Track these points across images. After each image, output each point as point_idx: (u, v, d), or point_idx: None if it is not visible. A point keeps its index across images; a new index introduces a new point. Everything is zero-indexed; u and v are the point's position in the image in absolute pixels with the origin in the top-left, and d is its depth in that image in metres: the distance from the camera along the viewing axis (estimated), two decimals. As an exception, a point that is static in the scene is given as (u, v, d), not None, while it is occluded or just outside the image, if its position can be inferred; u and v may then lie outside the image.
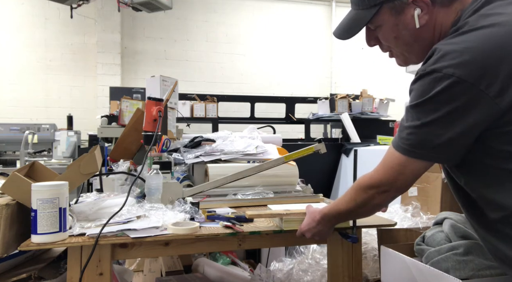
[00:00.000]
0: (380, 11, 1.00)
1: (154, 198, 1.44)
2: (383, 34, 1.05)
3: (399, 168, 0.97)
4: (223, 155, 1.86)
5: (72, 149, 4.28)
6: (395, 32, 1.02)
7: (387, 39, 1.05)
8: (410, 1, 0.96)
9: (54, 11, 5.89)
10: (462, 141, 0.90)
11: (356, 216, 1.23)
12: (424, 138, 0.92)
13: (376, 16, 1.01)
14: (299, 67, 7.00)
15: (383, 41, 1.07)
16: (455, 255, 1.18)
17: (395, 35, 1.02)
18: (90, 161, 1.28)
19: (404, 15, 0.98)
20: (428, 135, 0.91)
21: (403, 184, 1.01)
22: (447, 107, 0.86)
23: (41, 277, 1.32)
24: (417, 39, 1.01)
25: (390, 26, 1.01)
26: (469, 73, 0.84)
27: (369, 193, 1.04)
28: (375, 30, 1.06)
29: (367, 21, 1.02)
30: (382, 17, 1.01)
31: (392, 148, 0.99)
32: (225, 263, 2.16)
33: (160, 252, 1.34)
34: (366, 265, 1.63)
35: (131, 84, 5.84)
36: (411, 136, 0.93)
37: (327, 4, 7.20)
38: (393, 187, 1.01)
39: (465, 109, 0.86)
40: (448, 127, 0.88)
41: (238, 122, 4.86)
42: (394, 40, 1.04)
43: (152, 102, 1.60)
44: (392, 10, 0.99)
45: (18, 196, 1.19)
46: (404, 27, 1.00)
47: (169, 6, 3.94)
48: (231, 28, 6.74)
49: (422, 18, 0.97)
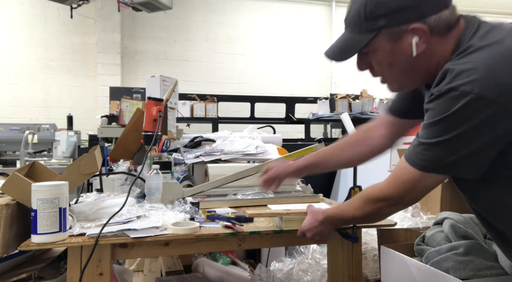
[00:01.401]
0: (377, 37, 0.97)
1: (154, 198, 1.44)
2: (378, 60, 1.02)
3: (411, 183, 0.97)
4: (223, 155, 1.86)
5: (72, 149, 4.28)
6: (390, 58, 0.99)
7: (381, 65, 1.02)
8: (408, 29, 0.94)
9: (54, 11, 5.89)
10: (484, 155, 0.89)
11: (359, 223, 1.26)
12: (443, 154, 0.91)
13: (372, 41, 0.98)
14: (299, 67, 7.00)
15: (376, 66, 1.04)
16: (455, 255, 1.18)
17: (391, 62, 1.00)
18: (90, 161, 1.28)
19: (402, 42, 0.96)
20: (447, 151, 0.90)
21: (413, 198, 1.02)
22: (467, 125, 0.86)
23: (41, 277, 1.32)
24: (413, 66, 1.00)
25: (386, 52, 0.99)
26: (487, 90, 0.83)
27: (378, 205, 1.04)
28: (367, 54, 1.03)
29: (363, 45, 0.99)
30: (378, 43, 0.98)
31: (405, 162, 0.98)
32: (225, 263, 2.16)
33: (160, 252, 1.34)
34: (366, 265, 1.63)
35: (131, 84, 5.84)
36: (428, 152, 0.92)
37: (327, 4, 7.20)
38: (403, 200, 1.01)
39: (485, 125, 0.85)
40: (469, 143, 0.87)
41: (238, 122, 4.87)
42: (388, 67, 1.02)
43: (152, 102, 1.60)
44: (390, 36, 0.97)
45: (18, 196, 1.19)
46: (400, 54, 0.98)
47: (169, 6, 3.94)
48: (231, 28, 6.74)
49: (420, 46, 0.95)
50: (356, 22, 0.99)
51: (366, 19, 0.97)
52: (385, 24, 0.95)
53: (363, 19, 0.97)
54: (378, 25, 0.96)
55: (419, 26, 0.93)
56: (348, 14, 1.02)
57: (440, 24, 0.94)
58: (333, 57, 1.06)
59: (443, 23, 0.94)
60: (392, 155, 2.16)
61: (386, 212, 1.07)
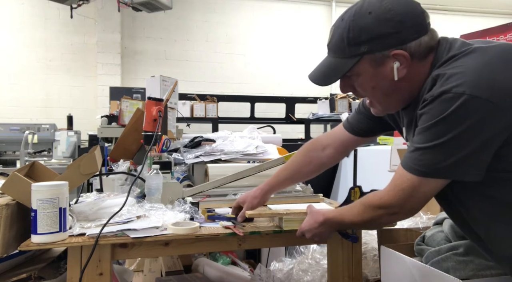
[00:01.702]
0: (360, 61, 0.99)
1: (154, 198, 1.44)
2: (361, 83, 1.04)
3: (410, 191, 0.96)
4: (223, 155, 1.87)
5: (72, 149, 4.28)
6: (373, 82, 1.02)
7: (364, 88, 1.05)
8: (390, 54, 0.96)
9: (54, 11, 5.89)
10: (481, 156, 0.89)
11: (358, 228, 1.26)
12: (440, 157, 0.90)
13: (355, 65, 1.00)
14: (299, 67, 6.99)
15: (359, 89, 1.06)
16: (455, 255, 1.18)
17: (373, 85, 1.03)
18: (90, 161, 1.28)
19: (384, 67, 0.99)
20: (444, 154, 0.90)
21: (413, 207, 1.00)
22: (463, 125, 0.86)
23: (41, 277, 1.32)
24: (395, 90, 1.02)
25: (368, 76, 1.01)
26: (479, 90, 0.85)
27: (378, 212, 1.04)
28: (350, 78, 1.05)
29: (346, 70, 1.01)
30: (361, 67, 1.00)
31: (402, 169, 0.97)
32: (225, 263, 2.16)
33: (160, 252, 1.34)
34: (366, 265, 1.63)
35: (131, 84, 5.84)
36: (425, 156, 0.92)
37: (327, 4, 7.20)
38: (403, 209, 1.00)
39: (481, 125, 0.86)
40: (465, 144, 0.87)
41: (238, 122, 4.87)
42: (371, 90, 1.04)
43: (152, 102, 1.60)
44: (372, 61, 0.99)
45: (18, 196, 1.19)
46: (382, 79, 1.00)
47: (169, 6, 3.95)
48: (231, 28, 6.74)
49: (401, 71, 0.98)
50: (339, 47, 1.02)
51: (349, 45, 0.99)
52: (367, 50, 0.97)
53: (346, 44, 1.00)
54: (361, 50, 0.98)
55: (400, 52, 0.96)
56: (332, 39, 1.05)
57: (419, 49, 0.97)
58: (316, 81, 1.08)
59: (422, 48, 0.97)
60: (392, 155, 2.16)
61: (385, 221, 1.06)
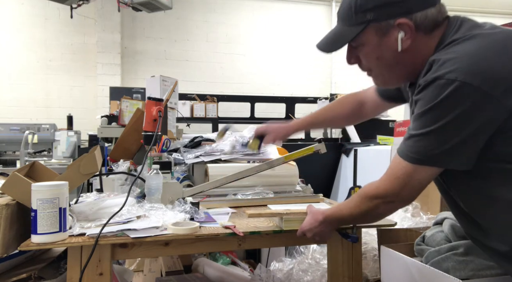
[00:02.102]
0: (366, 30, 1.00)
1: (154, 198, 1.44)
2: (365, 54, 1.05)
3: (405, 178, 0.97)
4: (223, 155, 1.86)
5: (72, 149, 4.28)
6: (377, 52, 1.02)
7: (368, 59, 1.05)
8: (395, 23, 0.97)
9: (54, 11, 5.89)
10: (473, 143, 0.90)
11: (358, 222, 1.25)
12: (433, 144, 0.91)
13: (361, 34, 1.01)
14: (299, 67, 7.00)
15: (364, 60, 1.06)
16: (455, 255, 1.18)
17: (377, 56, 1.03)
18: (90, 161, 1.28)
19: (388, 37, 0.99)
20: (437, 141, 0.90)
21: (409, 195, 1.00)
22: (455, 112, 0.87)
23: (41, 277, 1.32)
24: (399, 62, 1.02)
25: (373, 46, 1.02)
26: (471, 77, 0.85)
27: (374, 202, 1.04)
28: (356, 48, 1.05)
29: (351, 37, 1.02)
30: (366, 36, 1.01)
31: (398, 157, 0.98)
32: (225, 263, 2.16)
33: (160, 252, 1.34)
34: (366, 265, 1.63)
35: (131, 84, 5.85)
36: (419, 143, 0.93)
37: (327, 4, 7.20)
38: (398, 197, 1.01)
39: (472, 112, 0.86)
40: (457, 131, 0.88)
41: (238, 122, 4.86)
42: (375, 61, 1.04)
43: (152, 102, 1.60)
44: (378, 30, 0.99)
45: (18, 196, 1.19)
46: (387, 49, 1.00)
47: (169, 6, 3.95)
48: (231, 28, 6.74)
49: (405, 42, 0.98)
50: (347, 15, 1.03)
51: (356, 12, 1.00)
52: (373, 18, 0.98)
53: (353, 12, 1.00)
54: (366, 18, 0.99)
55: (405, 21, 0.96)
56: (341, 7, 1.06)
57: (425, 21, 0.97)
58: (321, 48, 1.10)
59: (428, 21, 0.97)
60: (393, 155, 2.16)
61: (382, 211, 1.06)
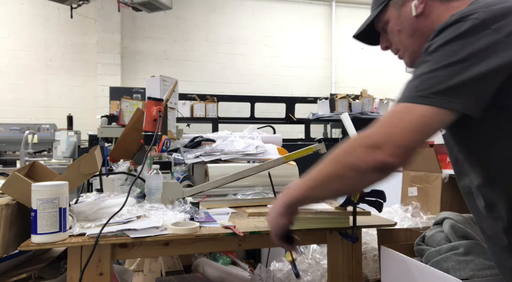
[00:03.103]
0: (387, 9, 1.08)
1: (154, 198, 1.44)
2: (391, 31, 1.10)
3: (392, 117, 0.83)
4: (223, 155, 1.86)
5: (72, 149, 4.28)
6: (398, 25, 1.07)
7: (393, 35, 1.10)
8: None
9: (54, 11, 5.89)
10: (482, 84, 0.81)
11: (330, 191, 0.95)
12: (438, 80, 0.81)
13: (383, 13, 1.09)
14: (299, 67, 7.00)
15: (390, 36, 1.11)
16: (455, 255, 1.18)
17: (399, 29, 1.07)
18: (90, 161, 1.28)
19: (405, 7, 1.05)
20: (443, 77, 0.81)
21: (400, 138, 0.80)
22: (469, 49, 0.81)
23: (41, 277, 1.32)
24: (416, 29, 1.04)
25: (394, 20, 1.08)
26: (489, 19, 0.82)
27: (353, 149, 0.85)
28: (385, 30, 1.12)
29: (372, 18, 1.11)
30: (388, 14, 1.09)
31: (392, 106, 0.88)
32: (225, 263, 2.16)
33: (160, 252, 1.34)
34: (366, 265, 1.63)
35: (131, 84, 5.84)
36: (414, 82, 0.84)
37: (327, 4, 7.20)
38: (386, 140, 0.81)
39: (486, 52, 0.81)
40: (468, 68, 0.80)
41: (238, 122, 4.86)
42: (398, 35, 1.08)
43: (152, 102, 1.60)
44: (396, 5, 1.07)
45: (18, 196, 1.19)
46: (405, 18, 1.05)
47: (169, 6, 3.95)
48: (231, 28, 6.74)
49: (419, 7, 1.02)
50: (373, 2, 1.13)
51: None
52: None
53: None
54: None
55: None
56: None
57: None
58: (354, 35, 1.19)
59: None
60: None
61: (363, 159, 0.82)
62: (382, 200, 1.28)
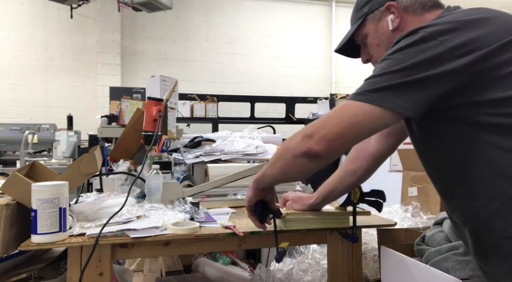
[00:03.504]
0: (365, 23, 1.12)
1: (154, 198, 1.44)
2: (370, 44, 1.14)
3: (333, 112, 0.92)
4: (223, 155, 1.86)
5: (72, 149, 4.28)
6: (376, 39, 1.12)
7: (372, 48, 1.14)
8: (384, 9, 1.08)
9: (54, 11, 5.89)
10: (421, 89, 0.86)
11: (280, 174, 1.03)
12: (378, 82, 0.88)
13: (361, 27, 1.13)
14: (299, 67, 7.00)
15: (369, 50, 1.15)
16: (455, 255, 1.18)
17: (377, 42, 1.11)
18: (90, 161, 1.28)
19: (382, 22, 1.09)
20: (383, 80, 0.87)
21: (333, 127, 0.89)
22: (414, 58, 0.86)
23: (41, 277, 1.32)
24: (392, 42, 1.03)
25: (372, 34, 1.12)
26: (437, 32, 0.87)
27: (294, 137, 0.95)
28: (365, 44, 1.15)
29: (351, 33, 1.15)
30: (367, 28, 1.13)
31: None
32: (225, 263, 2.16)
33: (160, 252, 1.34)
34: (366, 265, 1.63)
35: (131, 84, 5.84)
36: (370, 83, 0.90)
37: (327, 4, 7.20)
38: (320, 128, 0.90)
39: (430, 61, 0.86)
40: (410, 74, 0.86)
41: (238, 122, 4.87)
42: (377, 48, 1.12)
43: (152, 102, 1.60)
44: (374, 20, 1.11)
45: (18, 196, 1.19)
46: (382, 32, 1.10)
47: (169, 6, 3.95)
48: (231, 28, 6.74)
49: (395, 21, 1.07)
50: (352, 16, 1.18)
51: (357, 10, 1.15)
52: (368, 9, 1.11)
53: (355, 10, 1.16)
54: (363, 12, 1.12)
55: (392, 3, 1.07)
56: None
57: (413, 3, 1.06)
58: (336, 49, 1.24)
59: (416, 3, 1.05)
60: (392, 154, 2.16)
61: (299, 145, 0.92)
62: (382, 200, 1.28)
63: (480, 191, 0.89)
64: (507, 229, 0.86)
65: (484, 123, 0.87)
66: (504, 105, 0.85)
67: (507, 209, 0.86)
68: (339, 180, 1.32)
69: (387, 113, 0.87)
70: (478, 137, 0.88)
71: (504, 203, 0.86)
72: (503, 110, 0.86)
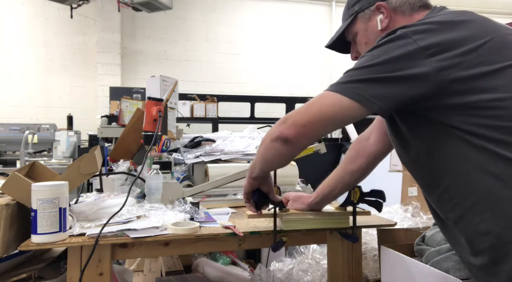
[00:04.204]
0: (355, 21, 1.14)
1: (154, 198, 1.44)
2: (359, 43, 1.15)
3: (309, 103, 0.95)
4: (223, 155, 1.86)
5: (72, 149, 4.28)
6: (365, 38, 1.13)
7: (361, 47, 1.15)
8: (374, 8, 1.09)
9: (54, 11, 5.89)
10: (392, 84, 0.89)
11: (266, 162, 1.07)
12: (351, 75, 0.92)
13: (352, 25, 1.15)
14: (299, 67, 7.00)
15: (358, 48, 1.16)
16: (455, 255, 1.18)
17: (366, 41, 1.13)
18: (90, 161, 1.28)
19: (371, 21, 1.11)
20: (356, 74, 0.91)
21: (305, 115, 0.94)
22: (388, 54, 0.89)
23: (41, 277, 1.32)
24: None
25: (362, 32, 1.14)
26: (413, 31, 0.90)
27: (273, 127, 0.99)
28: (354, 41, 1.17)
29: (342, 30, 1.17)
30: (357, 26, 1.14)
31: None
32: (225, 263, 2.16)
33: (160, 252, 1.34)
34: (366, 265, 1.63)
35: (131, 84, 5.84)
36: (344, 77, 0.94)
37: (327, 4, 7.20)
38: (293, 115, 0.96)
39: (403, 58, 0.88)
40: (381, 69, 0.89)
41: (238, 122, 4.87)
42: (365, 46, 1.12)
43: (152, 102, 1.60)
44: (364, 18, 1.13)
45: (18, 196, 1.19)
46: (371, 31, 1.11)
47: (169, 6, 3.95)
48: (231, 28, 6.74)
49: (384, 21, 1.08)
50: (344, 14, 1.19)
51: (348, 8, 1.17)
52: (359, 8, 1.13)
53: (347, 8, 1.18)
54: (354, 10, 1.14)
55: (382, 4, 1.08)
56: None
57: (402, 4, 1.07)
58: (326, 45, 1.25)
59: (405, 4, 1.07)
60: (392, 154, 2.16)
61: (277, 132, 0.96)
62: (382, 200, 1.28)
63: (458, 187, 0.91)
64: (478, 225, 0.87)
65: (458, 125, 0.88)
66: (474, 106, 0.87)
67: (480, 205, 0.87)
68: (338, 179, 1.32)
69: (354, 105, 0.90)
70: (453, 137, 0.89)
71: (478, 198, 0.87)
72: (474, 112, 0.87)
